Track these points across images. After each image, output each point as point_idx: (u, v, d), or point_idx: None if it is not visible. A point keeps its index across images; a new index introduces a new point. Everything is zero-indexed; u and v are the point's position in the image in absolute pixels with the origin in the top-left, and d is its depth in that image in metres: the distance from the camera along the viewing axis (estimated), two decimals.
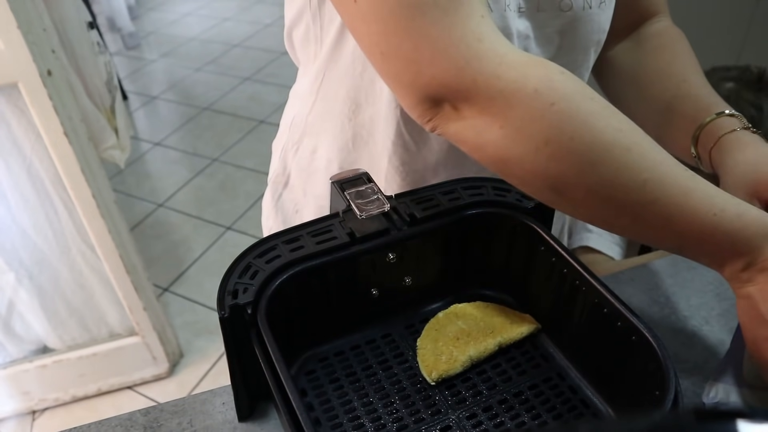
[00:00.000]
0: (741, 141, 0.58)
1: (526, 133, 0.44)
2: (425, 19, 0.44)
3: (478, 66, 0.44)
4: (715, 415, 0.25)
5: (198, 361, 1.67)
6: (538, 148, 0.44)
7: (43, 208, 1.31)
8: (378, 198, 0.54)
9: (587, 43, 0.61)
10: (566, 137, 0.43)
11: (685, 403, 0.44)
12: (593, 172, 0.43)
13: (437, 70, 0.44)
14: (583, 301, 0.53)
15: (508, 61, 0.44)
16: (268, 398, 0.55)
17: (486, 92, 0.44)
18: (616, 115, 0.45)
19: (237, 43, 3.29)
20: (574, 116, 0.43)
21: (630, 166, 0.43)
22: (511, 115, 0.44)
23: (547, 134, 0.43)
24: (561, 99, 0.44)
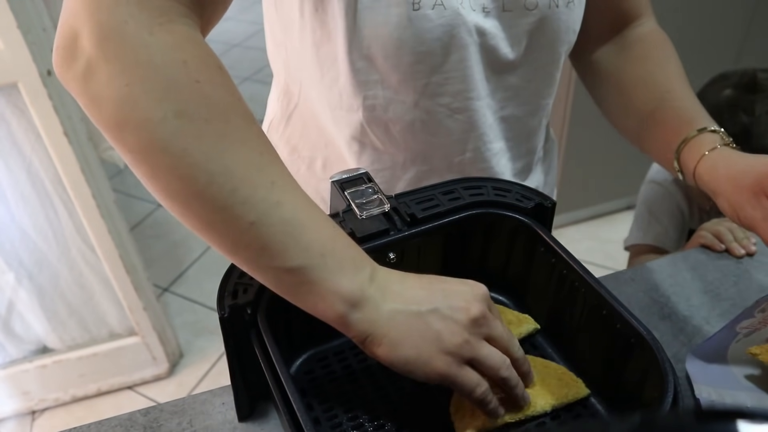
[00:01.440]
0: (726, 154, 0.58)
1: (156, 98, 0.39)
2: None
3: (136, 11, 0.40)
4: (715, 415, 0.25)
5: (198, 361, 1.67)
6: (165, 118, 0.39)
7: (43, 208, 1.31)
8: (378, 198, 0.54)
9: (556, 43, 0.61)
10: (202, 117, 0.40)
11: (684, 403, 0.44)
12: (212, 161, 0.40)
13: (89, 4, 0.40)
14: (582, 302, 0.53)
15: (171, 27, 0.41)
16: (268, 398, 0.55)
17: (131, 40, 0.39)
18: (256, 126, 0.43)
19: (237, 43, 3.29)
20: (217, 101, 0.41)
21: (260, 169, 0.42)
22: (146, 75, 0.39)
23: (182, 107, 0.40)
24: (207, 81, 0.41)
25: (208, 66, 0.42)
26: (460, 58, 0.58)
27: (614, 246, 1.82)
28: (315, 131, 0.67)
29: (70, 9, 0.41)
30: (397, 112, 0.61)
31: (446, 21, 0.55)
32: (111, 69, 0.40)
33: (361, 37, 0.55)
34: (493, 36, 0.58)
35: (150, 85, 0.40)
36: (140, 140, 0.40)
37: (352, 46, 0.56)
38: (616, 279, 0.71)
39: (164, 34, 0.41)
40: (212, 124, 0.41)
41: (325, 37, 0.57)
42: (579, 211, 2.01)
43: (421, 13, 0.54)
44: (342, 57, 0.57)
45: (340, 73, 0.59)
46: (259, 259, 0.43)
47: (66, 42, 0.41)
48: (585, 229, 2.00)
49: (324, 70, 0.60)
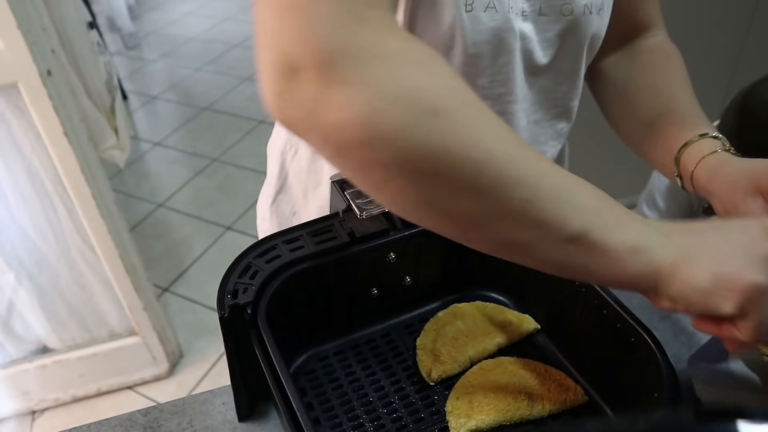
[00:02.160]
0: (725, 158, 0.58)
1: (405, 103, 0.37)
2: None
3: (357, 28, 0.37)
4: (715, 415, 0.25)
5: (198, 361, 1.67)
6: (418, 120, 0.37)
7: (43, 208, 1.31)
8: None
9: (584, 48, 0.62)
10: (452, 109, 0.37)
11: (684, 403, 0.44)
12: (473, 149, 0.37)
13: (305, 26, 0.37)
14: (582, 302, 0.53)
15: (393, 32, 0.39)
16: (268, 398, 0.55)
17: (363, 55, 0.37)
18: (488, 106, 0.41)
19: (237, 43, 3.29)
20: (458, 90, 0.39)
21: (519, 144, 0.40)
22: (386, 85, 0.37)
23: (433, 104, 0.37)
24: (445, 75, 0.39)
25: (436, 58, 0.40)
26: (506, 62, 0.58)
27: None
28: None
29: (277, 45, 0.38)
30: None
31: (497, 24, 0.55)
32: (346, 92, 0.37)
33: (413, 34, 0.55)
34: (530, 40, 0.58)
35: (394, 93, 0.37)
36: (395, 153, 0.37)
37: None
38: None
39: (391, 40, 0.39)
40: (463, 112, 0.38)
41: None
42: None
43: (474, 14, 0.54)
44: None
45: None
46: (537, 237, 0.40)
47: (283, 82, 0.38)
48: None
49: None
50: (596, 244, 0.40)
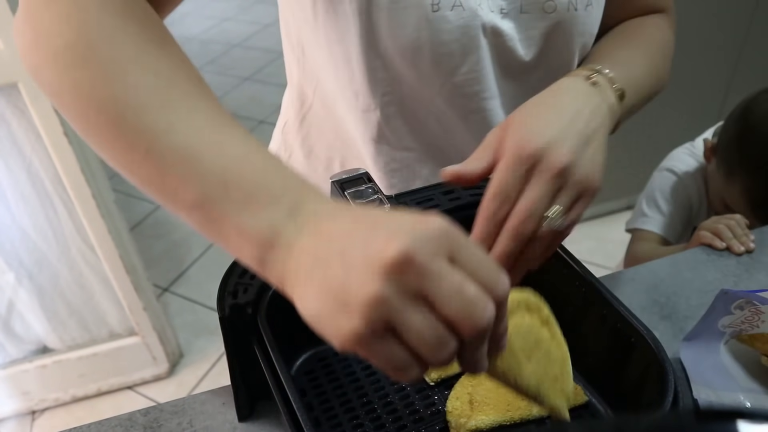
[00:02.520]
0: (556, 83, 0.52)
1: (52, 34, 0.40)
2: None
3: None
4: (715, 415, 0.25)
5: (198, 361, 1.67)
6: (58, 52, 0.39)
7: (43, 208, 1.31)
8: (378, 198, 0.54)
9: (571, 46, 0.60)
10: (84, 44, 0.38)
11: (684, 403, 0.44)
12: (106, 87, 0.38)
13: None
14: (583, 303, 0.53)
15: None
16: (268, 398, 0.55)
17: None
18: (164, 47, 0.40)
19: (237, 43, 3.29)
20: (102, 27, 0.39)
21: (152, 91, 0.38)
22: (44, 16, 0.40)
23: (68, 39, 0.39)
24: (93, 5, 0.39)
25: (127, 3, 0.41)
26: (477, 59, 0.58)
27: (614, 246, 1.82)
28: (331, 131, 0.67)
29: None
30: (413, 110, 0.61)
31: (465, 22, 0.55)
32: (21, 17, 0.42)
33: (377, 38, 0.55)
34: (510, 38, 0.58)
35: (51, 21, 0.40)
36: (43, 79, 0.41)
37: (368, 47, 0.56)
38: (616, 279, 0.71)
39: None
40: (96, 50, 0.38)
41: (339, 38, 0.57)
42: None
43: (441, 14, 0.54)
44: (357, 57, 0.57)
45: (355, 73, 0.59)
46: (166, 195, 0.38)
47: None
48: (585, 229, 2.00)
49: (338, 70, 0.60)
50: (216, 219, 0.36)
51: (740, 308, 0.57)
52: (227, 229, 0.36)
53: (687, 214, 1.07)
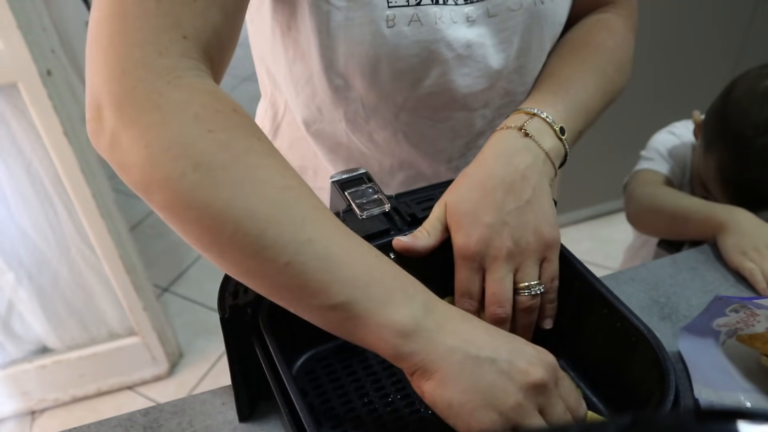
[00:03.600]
0: (491, 141, 0.54)
1: (174, 155, 0.40)
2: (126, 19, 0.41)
3: (144, 75, 0.41)
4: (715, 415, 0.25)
5: (198, 361, 1.67)
6: (184, 173, 0.40)
7: (43, 208, 1.31)
8: (378, 198, 0.54)
9: (543, 39, 0.60)
10: (218, 165, 0.40)
11: (685, 403, 0.44)
12: (235, 208, 0.40)
13: (105, 68, 0.41)
14: (583, 302, 0.53)
15: (179, 83, 0.42)
16: (269, 398, 0.55)
17: (141, 104, 0.41)
18: (280, 162, 0.43)
19: (237, 42, 3.29)
20: (232, 147, 0.41)
21: (286, 207, 0.41)
22: (161, 135, 0.40)
23: (198, 160, 0.40)
24: (221, 129, 0.41)
25: (220, 112, 0.42)
26: (441, 72, 0.57)
27: (614, 246, 1.82)
28: (303, 141, 0.67)
29: (90, 83, 0.43)
30: (378, 123, 0.61)
31: (423, 37, 0.54)
32: (130, 135, 0.41)
33: (336, 55, 0.55)
34: (480, 45, 0.57)
35: (167, 143, 0.40)
36: (165, 198, 0.41)
37: (328, 64, 0.56)
38: (616, 279, 0.72)
39: (173, 91, 0.41)
40: (230, 170, 0.40)
41: (298, 56, 0.57)
42: (579, 211, 2.01)
43: (396, 29, 0.53)
44: (318, 74, 0.57)
45: (317, 90, 0.59)
46: (301, 299, 0.42)
47: (92, 114, 0.43)
48: (585, 229, 2.00)
49: (299, 88, 0.60)
50: (359, 317, 0.41)
51: (735, 311, 0.57)
52: (369, 324, 0.41)
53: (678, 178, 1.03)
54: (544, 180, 0.53)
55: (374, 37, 0.53)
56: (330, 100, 0.59)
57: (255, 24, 0.60)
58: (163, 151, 0.40)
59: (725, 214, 0.78)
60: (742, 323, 0.57)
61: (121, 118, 0.41)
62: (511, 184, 0.51)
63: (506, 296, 0.50)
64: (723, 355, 0.59)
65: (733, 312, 0.57)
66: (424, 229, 0.52)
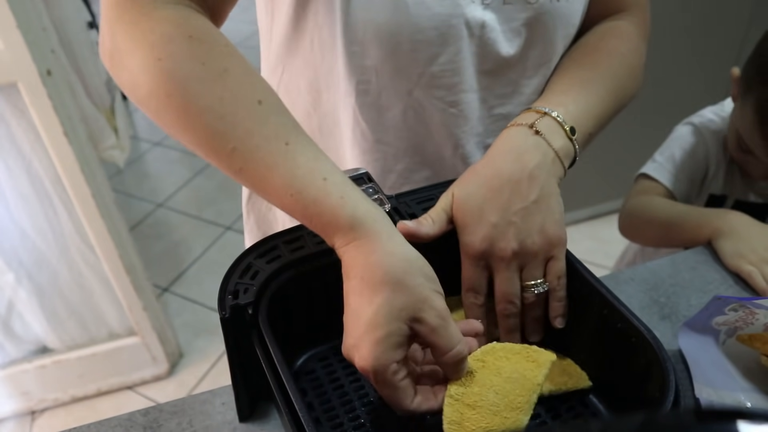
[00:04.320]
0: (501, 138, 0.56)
1: (142, 78, 0.47)
2: None
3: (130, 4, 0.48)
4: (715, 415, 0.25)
5: (198, 361, 1.67)
6: (150, 93, 0.47)
7: (43, 208, 1.31)
8: (378, 198, 0.54)
9: (555, 37, 0.60)
10: (164, 93, 0.46)
11: (685, 403, 0.44)
12: (185, 132, 0.48)
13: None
14: (583, 302, 0.53)
15: (152, 14, 0.48)
16: (269, 398, 0.55)
17: (126, 28, 0.48)
18: (223, 82, 0.47)
19: (237, 43, 3.26)
20: (175, 75, 0.46)
21: (219, 133, 0.46)
22: (136, 55, 0.47)
23: (150, 87, 0.47)
24: (168, 57, 0.46)
25: (173, 40, 0.47)
26: (456, 50, 0.57)
27: (614, 246, 1.82)
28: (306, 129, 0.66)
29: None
30: (390, 98, 0.61)
31: (444, 10, 0.54)
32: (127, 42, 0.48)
33: (354, 21, 0.55)
34: (491, 29, 0.57)
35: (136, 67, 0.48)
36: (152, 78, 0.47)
37: (345, 30, 0.56)
38: (616, 279, 0.71)
39: (145, 20, 0.48)
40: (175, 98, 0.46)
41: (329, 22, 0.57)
42: (579, 211, 2.01)
43: (419, 0, 0.53)
44: (339, 42, 0.57)
45: (337, 59, 0.59)
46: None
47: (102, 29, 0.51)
48: (585, 229, 2.00)
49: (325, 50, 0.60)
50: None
51: (734, 310, 0.57)
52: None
53: (699, 171, 0.99)
54: (552, 179, 0.54)
55: (397, 5, 0.53)
56: (345, 69, 0.58)
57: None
58: (140, 70, 0.47)
59: (720, 217, 0.78)
60: (741, 322, 0.57)
61: (114, 38, 0.49)
62: (518, 183, 0.52)
63: (515, 293, 0.53)
64: (723, 354, 0.59)
65: (732, 311, 0.57)
66: (429, 217, 0.53)
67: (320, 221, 0.46)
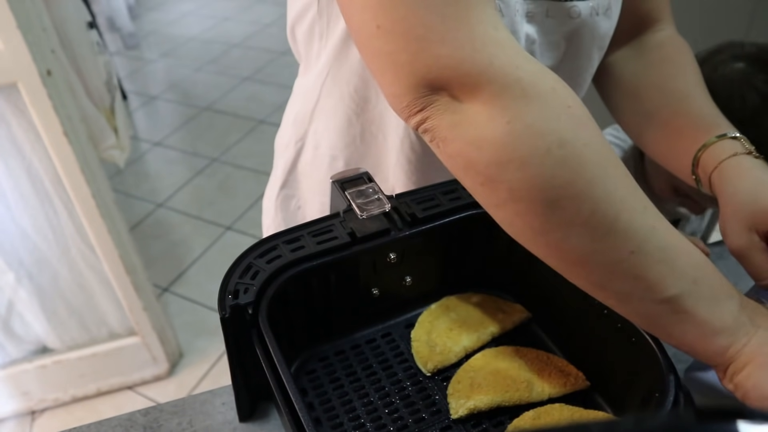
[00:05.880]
0: (741, 167, 0.56)
1: (538, 131, 0.39)
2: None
3: (495, 51, 0.40)
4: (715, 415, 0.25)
5: (198, 361, 1.67)
6: (549, 150, 0.38)
7: (43, 208, 1.31)
8: (379, 198, 0.54)
9: (592, 50, 0.61)
10: (581, 142, 0.39)
11: (685, 403, 0.44)
12: (596, 187, 0.39)
13: (447, 49, 0.39)
14: (583, 302, 0.53)
15: (525, 55, 0.41)
16: (269, 398, 0.55)
17: (502, 79, 0.39)
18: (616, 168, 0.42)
19: (237, 43, 3.29)
20: (589, 123, 0.41)
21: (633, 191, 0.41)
22: (525, 110, 0.39)
23: (563, 136, 0.39)
24: (576, 104, 0.41)
25: (567, 88, 0.42)
26: None
27: None
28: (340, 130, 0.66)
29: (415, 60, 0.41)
30: None
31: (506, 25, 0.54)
32: (489, 111, 0.39)
33: None
34: (533, 41, 0.57)
35: (530, 118, 0.39)
36: (524, 177, 0.39)
37: None
38: None
39: (527, 63, 0.41)
40: (590, 147, 0.39)
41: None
42: None
43: None
44: None
45: None
46: (633, 291, 0.41)
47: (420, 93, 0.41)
48: None
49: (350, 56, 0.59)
50: (687, 311, 0.41)
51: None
52: (693, 320, 0.41)
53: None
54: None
55: None
56: None
57: None
58: (527, 127, 0.39)
59: None
60: None
61: (477, 99, 0.40)
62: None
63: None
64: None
65: None
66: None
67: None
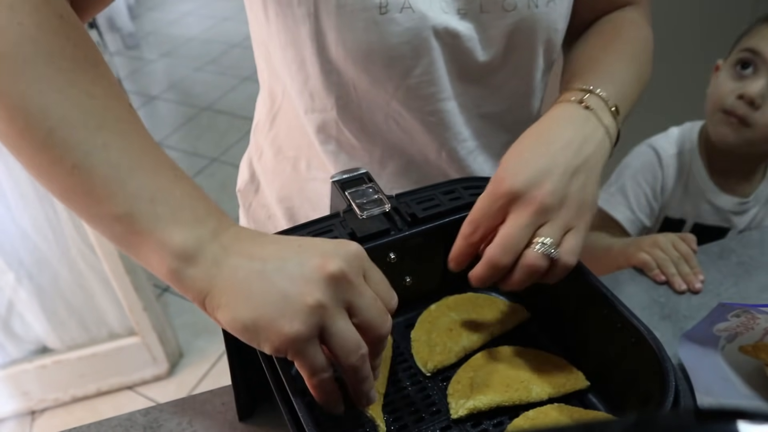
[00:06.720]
0: (552, 111, 0.53)
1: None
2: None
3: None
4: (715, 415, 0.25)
5: (198, 361, 1.67)
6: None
7: (43, 209, 1.31)
8: (379, 198, 0.54)
9: (535, 43, 0.60)
10: (21, 56, 0.38)
11: (685, 403, 0.44)
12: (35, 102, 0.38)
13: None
14: (583, 302, 0.53)
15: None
16: (269, 398, 0.55)
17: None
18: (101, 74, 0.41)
19: (237, 43, 3.29)
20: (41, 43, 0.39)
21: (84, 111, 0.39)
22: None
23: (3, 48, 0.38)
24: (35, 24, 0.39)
25: (39, 10, 0.40)
26: (430, 62, 0.57)
27: None
28: (298, 132, 0.67)
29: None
30: (370, 109, 0.61)
31: (414, 24, 0.54)
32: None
33: (327, 43, 0.55)
34: (468, 38, 0.57)
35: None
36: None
37: (319, 51, 0.56)
38: (616, 279, 0.72)
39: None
40: (32, 65, 0.38)
41: (291, 41, 0.57)
42: None
43: (389, 17, 0.53)
44: (310, 60, 0.57)
45: (310, 76, 0.59)
46: (87, 206, 0.40)
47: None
48: None
49: (292, 72, 0.60)
50: (142, 232, 0.39)
51: (737, 316, 0.57)
52: (148, 241, 0.39)
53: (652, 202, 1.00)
54: (600, 152, 0.51)
55: (367, 23, 0.53)
56: (322, 87, 0.59)
57: (253, 8, 0.60)
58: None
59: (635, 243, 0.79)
60: (742, 327, 0.57)
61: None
62: (570, 142, 0.49)
63: (516, 246, 0.47)
64: (724, 362, 0.59)
65: (735, 317, 0.57)
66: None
67: None
